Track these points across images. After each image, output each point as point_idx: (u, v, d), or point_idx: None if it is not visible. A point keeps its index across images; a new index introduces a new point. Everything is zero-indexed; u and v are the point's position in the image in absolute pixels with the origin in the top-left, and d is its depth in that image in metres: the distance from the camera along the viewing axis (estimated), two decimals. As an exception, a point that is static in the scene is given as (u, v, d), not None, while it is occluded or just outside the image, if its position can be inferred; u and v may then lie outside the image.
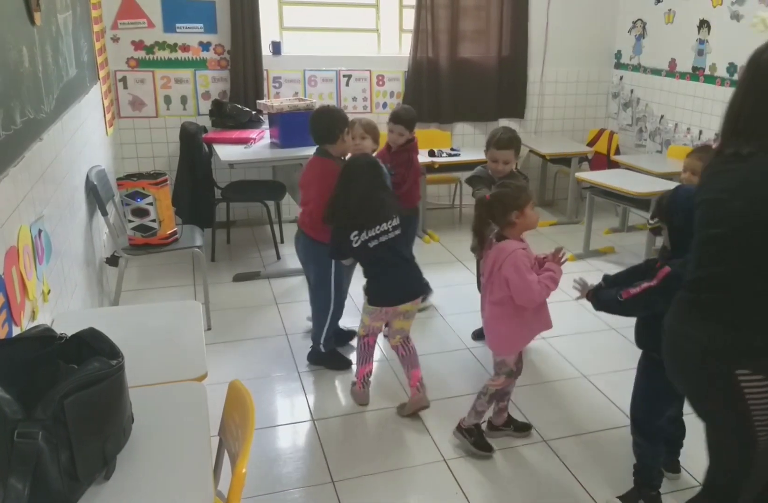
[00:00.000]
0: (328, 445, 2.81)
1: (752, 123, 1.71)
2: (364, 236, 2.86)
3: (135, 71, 5.12)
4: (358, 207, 2.86)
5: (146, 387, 1.89)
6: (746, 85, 1.77)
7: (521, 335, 2.66)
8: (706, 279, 1.77)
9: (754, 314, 1.69)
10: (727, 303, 1.72)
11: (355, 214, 2.86)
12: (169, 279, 4.44)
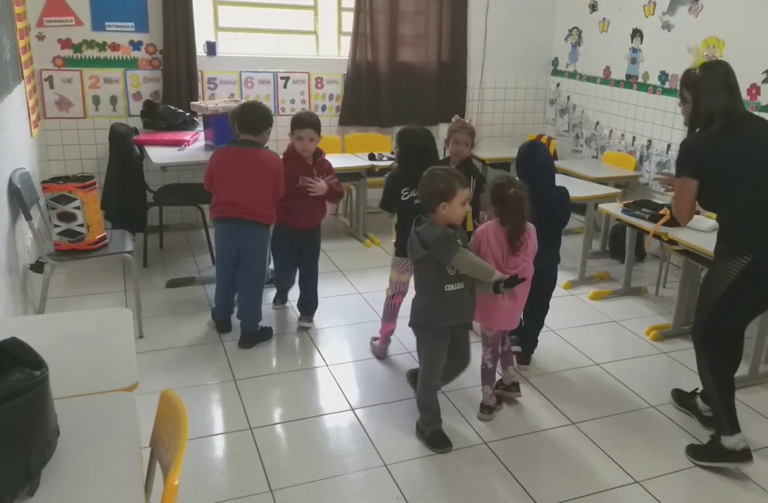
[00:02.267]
0: (266, 454, 2.74)
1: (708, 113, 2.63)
2: (413, 193, 3.26)
3: (62, 70, 4.94)
4: (417, 167, 3.01)
5: (73, 399, 1.81)
6: (695, 93, 2.69)
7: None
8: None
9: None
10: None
11: (410, 173, 3.16)
12: (98, 285, 4.29)
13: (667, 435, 2.96)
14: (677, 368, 3.55)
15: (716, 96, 2.63)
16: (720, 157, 2.61)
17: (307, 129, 3.49)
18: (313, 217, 3.72)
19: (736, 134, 2.62)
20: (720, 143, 2.62)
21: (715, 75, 2.67)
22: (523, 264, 2.85)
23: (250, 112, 3.54)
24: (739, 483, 2.65)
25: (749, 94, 4.26)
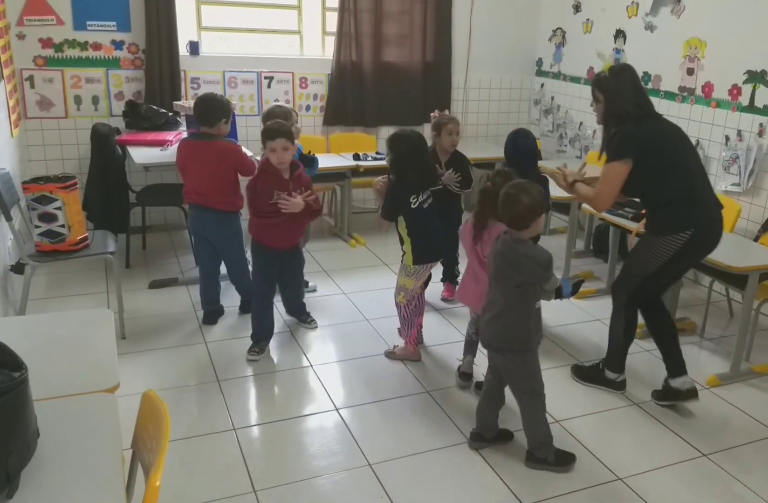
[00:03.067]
0: (250, 454, 2.73)
1: (622, 111, 2.97)
2: (421, 198, 3.28)
3: (43, 70, 4.90)
4: (420, 173, 3.27)
5: (53, 400, 1.81)
6: (607, 94, 3.01)
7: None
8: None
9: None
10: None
11: (412, 179, 3.25)
12: (80, 287, 4.25)
13: (649, 432, 2.98)
14: (659, 365, 3.56)
15: (628, 95, 2.97)
16: (655, 142, 2.92)
17: (279, 139, 3.21)
18: (292, 236, 3.48)
19: (658, 123, 3.00)
20: (650, 131, 2.95)
21: (624, 77, 3.02)
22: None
23: (202, 105, 3.68)
24: (723, 481, 2.67)
25: (731, 94, 4.29)
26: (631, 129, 2.94)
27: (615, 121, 3.01)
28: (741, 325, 3.39)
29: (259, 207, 3.27)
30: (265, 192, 3.25)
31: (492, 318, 2.64)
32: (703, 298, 4.14)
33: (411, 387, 3.26)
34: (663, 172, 2.91)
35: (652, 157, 2.90)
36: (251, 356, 3.47)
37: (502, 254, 2.55)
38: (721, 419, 3.11)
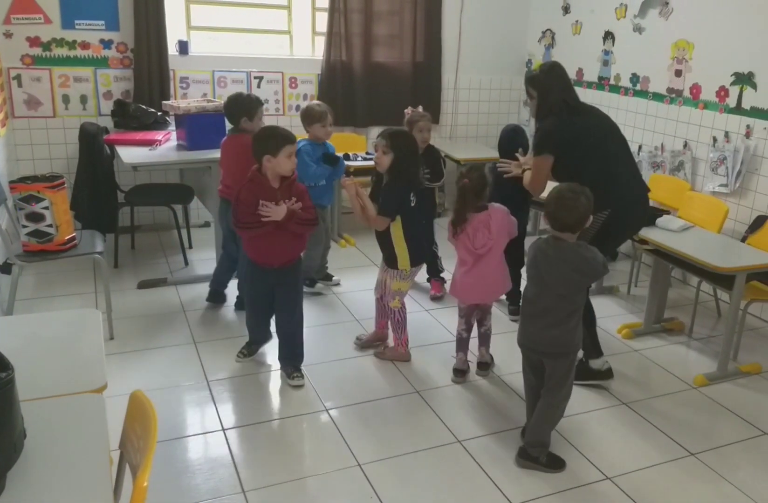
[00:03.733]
0: (239, 455, 2.72)
1: (555, 105, 3.20)
2: (416, 197, 3.28)
3: (30, 69, 4.86)
4: (416, 171, 3.29)
5: (41, 401, 1.79)
6: (539, 91, 3.25)
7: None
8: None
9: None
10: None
11: (413, 177, 3.27)
12: (68, 287, 4.22)
13: (637, 432, 2.99)
14: (648, 365, 3.59)
15: (559, 91, 3.23)
16: (571, 135, 3.18)
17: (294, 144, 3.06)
18: (284, 252, 3.14)
19: (580, 117, 3.25)
20: (571, 124, 3.21)
21: (555, 74, 3.29)
22: (490, 243, 3.14)
23: (225, 104, 3.95)
24: (711, 480, 2.68)
25: (718, 96, 4.32)
26: (549, 126, 3.23)
27: (545, 116, 3.26)
28: (728, 325, 3.41)
29: (240, 217, 3.02)
30: (249, 202, 2.98)
31: (548, 325, 2.60)
32: (691, 298, 4.17)
33: (401, 387, 3.26)
34: (581, 161, 3.17)
35: (570, 148, 3.16)
36: (238, 357, 3.44)
37: (567, 262, 2.53)
38: (709, 418, 3.13)
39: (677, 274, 4.67)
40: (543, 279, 2.58)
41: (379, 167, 3.26)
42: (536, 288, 2.62)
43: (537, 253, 2.60)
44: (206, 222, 5.43)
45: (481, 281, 3.22)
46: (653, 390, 3.33)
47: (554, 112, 3.21)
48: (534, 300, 2.63)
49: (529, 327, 2.67)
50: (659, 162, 4.81)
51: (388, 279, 3.41)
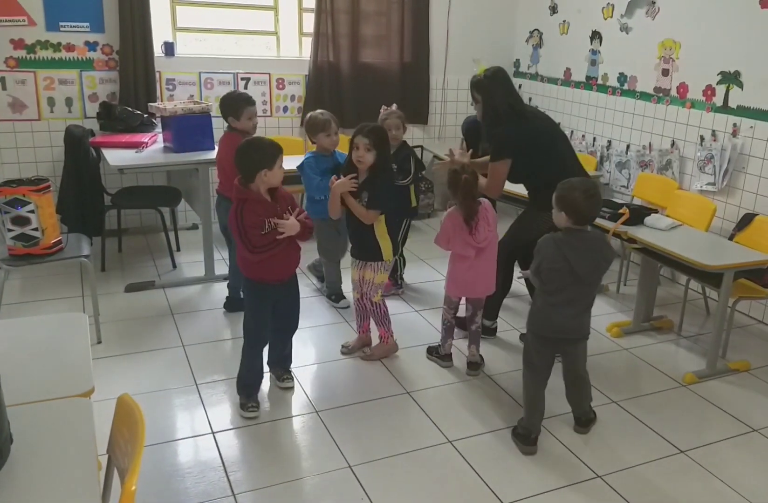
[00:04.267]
0: (229, 458, 2.70)
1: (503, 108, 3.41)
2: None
3: (15, 71, 4.83)
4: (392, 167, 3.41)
5: (27, 405, 1.78)
6: (484, 96, 3.45)
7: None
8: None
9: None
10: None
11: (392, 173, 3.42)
12: (55, 291, 4.19)
13: (627, 430, 2.99)
14: (638, 364, 3.60)
15: (503, 95, 3.41)
16: (529, 140, 3.39)
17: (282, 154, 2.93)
18: (291, 264, 3.05)
19: (529, 121, 3.46)
20: (525, 129, 3.42)
21: (500, 79, 3.46)
22: (491, 236, 3.26)
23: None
24: (701, 477, 2.69)
25: (705, 94, 4.34)
26: (507, 131, 3.40)
27: (492, 120, 3.44)
28: (717, 323, 3.42)
29: (254, 242, 2.80)
30: (255, 224, 2.79)
31: (578, 313, 2.75)
32: (680, 297, 4.18)
33: (391, 388, 3.26)
34: (538, 163, 3.40)
35: (528, 152, 3.38)
36: (250, 413, 2.99)
37: (596, 251, 2.69)
38: (699, 416, 3.14)
39: (666, 273, 4.69)
40: (573, 270, 2.65)
41: (363, 165, 3.21)
42: (563, 281, 2.68)
43: (563, 247, 2.66)
44: (194, 224, 5.41)
45: (483, 275, 3.32)
46: (643, 389, 3.34)
47: (502, 116, 3.39)
48: (560, 292, 2.71)
49: (556, 318, 2.74)
50: (647, 161, 4.83)
51: (369, 273, 3.38)
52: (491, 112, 3.44)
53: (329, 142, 3.93)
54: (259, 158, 2.80)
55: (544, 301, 2.77)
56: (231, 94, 3.96)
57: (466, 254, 3.25)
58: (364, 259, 3.39)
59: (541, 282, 2.75)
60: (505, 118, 3.39)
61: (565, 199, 2.67)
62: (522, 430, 2.84)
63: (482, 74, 3.48)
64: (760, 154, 4.03)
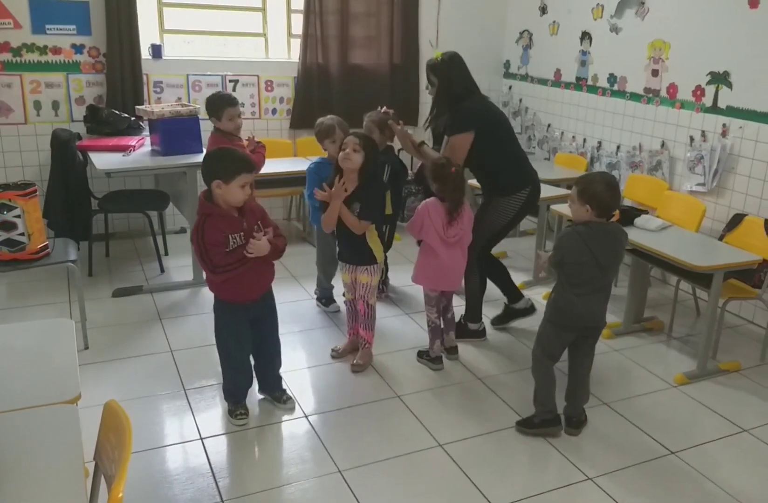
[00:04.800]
0: (217, 464, 2.68)
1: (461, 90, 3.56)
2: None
3: (0, 75, 4.78)
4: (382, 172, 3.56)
5: (12, 413, 1.78)
6: (441, 79, 3.55)
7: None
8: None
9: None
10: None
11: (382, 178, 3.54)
12: (41, 296, 4.15)
13: (617, 431, 2.99)
14: (628, 365, 3.59)
15: (461, 78, 3.56)
16: (491, 117, 3.55)
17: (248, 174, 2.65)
18: (261, 283, 2.86)
19: (487, 102, 3.63)
20: (486, 108, 3.59)
21: (456, 62, 3.58)
22: (461, 233, 3.31)
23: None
24: (692, 478, 2.69)
25: (694, 95, 4.35)
26: (472, 105, 3.50)
27: (447, 103, 3.52)
28: (707, 324, 3.42)
29: (215, 261, 2.62)
30: (217, 241, 2.62)
31: (601, 301, 2.88)
32: (671, 297, 4.18)
33: (381, 392, 3.24)
34: (499, 142, 3.50)
35: (491, 129, 3.47)
36: (239, 420, 2.93)
37: (617, 241, 2.82)
38: (689, 417, 3.14)
39: (656, 274, 4.70)
40: (598, 262, 2.73)
41: (351, 164, 3.13)
42: (589, 273, 2.76)
43: (588, 241, 2.73)
44: (182, 228, 5.38)
45: (449, 269, 3.37)
46: (633, 390, 3.33)
47: (458, 98, 3.49)
48: (585, 283, 2.79)
49: (583, 308, 2.82)
50: (637, 162, 4.83)
51: (365, 277, 3.37)
52: (446, 95, 3.53)
53: (334, 149, 3.63)
54: (216, 168, 2.63)
55: (568, 293, 2.81)
56: (214, 95, 4.01)
57: (434, 245, 3.30)
58: (356, 264, 3.38)
59: (565, 275, 2.81)
60: (465, 99, 3.50)
61: (589, 192, 2.72)
62: (546, 416, 2.92)
63: (439, 58, 3.57)
64: (749, 154, 4.04)
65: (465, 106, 3.48)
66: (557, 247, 2.81)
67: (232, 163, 2.64)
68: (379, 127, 3.91)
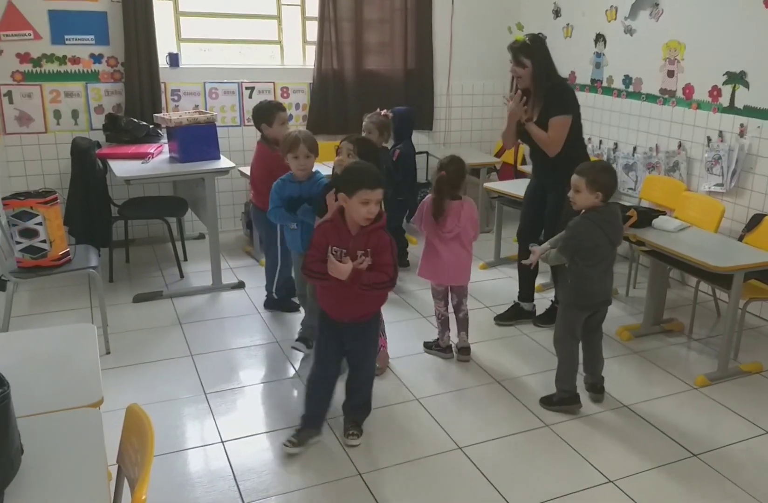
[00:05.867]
0: (239, 466, 2.70)
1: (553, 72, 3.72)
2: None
3: (21, 85, 4.86)
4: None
5: (37, 416, 1.78)
6: (535, 59, 3.62)
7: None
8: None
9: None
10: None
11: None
12: (63, 302, 4.20)
13: (638, 434, 2.97)
14: (648, 367, 3.57)
15: (550, 57, 3.64)
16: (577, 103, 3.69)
17: (379, 189, 2.56)
18: (356, 307, 2.70)
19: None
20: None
21: (544, 44, 3.64)
22: (457, 230, 3.37)
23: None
24: (714, 480, 2.66)
25: (711, 95, 4.33)
26: (572, 91, 3.65)
27: (545, 81, 3.56)
28: (728, 325, 3.39)
29: (307, 261, 2.64)
30: (319, 244, 2.61)
31: (611, 275, 3.11)
32: (690, 299, 4.15)
33: (400, 395, 3.24)
34: (579, 131, 3.70)
35: (578, 117, 3.64)
36: (287, 447, 2.77)
37: (619, 218, 3.06)
38: (710, 419, 3.11)
39: (675, 275, 4.67)
40: (610, 240, 2.98)
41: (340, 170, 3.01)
42: (603, 253, 2.98)
43: (602, 225, 2.94)
44: (201, 234, 5.42)
45: (449, 264, 3.41)
46: (654, 392, 3.31)
47: (553, 77, 3.58)
48: (600, 263, 3.00)
49: (599, 286, 3.04)
50: (654, 163, 4.81)
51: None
52: (544, 74, 3.58)
53: (295, 165, 3.33)
54: (343, 181, 2.61)
55: (584, 274, 2.99)
56: (261, 103, 4.11)
57: (432, 239, 3.42)
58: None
59: (581, 259, 2.96)
60: (556, 80, 3.60)
61: (599, 181, 2.90)
62: (564, 395, 3.11)
63: (524, 39, 3.59)
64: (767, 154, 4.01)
65: (567, 89, 3.64)
66: (572, 236, 2.96)
67: (356, 176, 2.58)
68: (378, 129, 4.12)
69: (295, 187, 3.38)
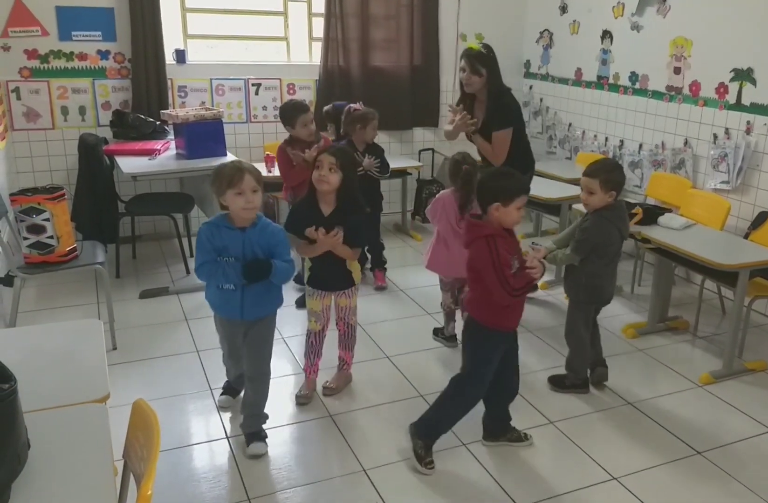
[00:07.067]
0: (244, 462, 2.71)
1: (499, 81, 3.81)
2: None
3: (29, 81, 4.88)
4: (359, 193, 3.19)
5: (43, 412, 1.79)
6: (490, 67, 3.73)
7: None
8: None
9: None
10: None
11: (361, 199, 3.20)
12: (70, 298, 4.23)
13: (642, 431, 2.97)
14: (653, 364, 3.57)
15: (499, 71, 3.73)
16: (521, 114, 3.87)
17: (527, 196, 2.61)
18: (523, 308, 2.72)
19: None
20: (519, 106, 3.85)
21: (495, 56, 3.71)
22: None
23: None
24: (719, 478, 2.67)
25: (717, 92, 4.31)
26: (512, 102, 3.75)
27: (494, 94, 3.69)
28: (733, 323, 3.39)
29: (513, 284, 2.50)
30: (508, 263, 2.51)
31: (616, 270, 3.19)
32: (695, 296, 4.15)
33: (404, 392, 3.26)
34: (524, 140, 3.81)
35: (521, 127, 3.79)
36: (428, 470, 2.67)
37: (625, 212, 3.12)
38: (715, 416, 3.12)
39: (680, 273, 4.66)
40: (622, 236, 3.07)
41: (327, 186, 2.85)
42: (615, 248, 3.09)
43: (616, 222, 3.03)
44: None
45: (460, 258, 3.22)
46: (659, 389, 3.32)
47: (502, 89, 3.70)
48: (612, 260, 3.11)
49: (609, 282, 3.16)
50: (660, 160, 4.80)
51: (344, 300, 3.15)
52: (496, 83, 3.71)
53: (240, 203, 2.51)
54: (496, 191, 2.50)
55: (597, 273, 3.08)
56: (286, 104, 4.15)
57: (445, 234, 3.46)
58: (335, 290, 3.11)
59: (597, 256, 3.03)
60: (503, 88, 3.72)
61: (613, 181, 2.97)
62: (576, 381, 3.25)
63: (480, 48, 3.71)
64: (774, 151, 4.00)
65: (508, 103, 3.72)
66: (588, 238, 3.01)
67: (511, 184, 2.53)
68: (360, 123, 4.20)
69: (234, 234, 2.57)
